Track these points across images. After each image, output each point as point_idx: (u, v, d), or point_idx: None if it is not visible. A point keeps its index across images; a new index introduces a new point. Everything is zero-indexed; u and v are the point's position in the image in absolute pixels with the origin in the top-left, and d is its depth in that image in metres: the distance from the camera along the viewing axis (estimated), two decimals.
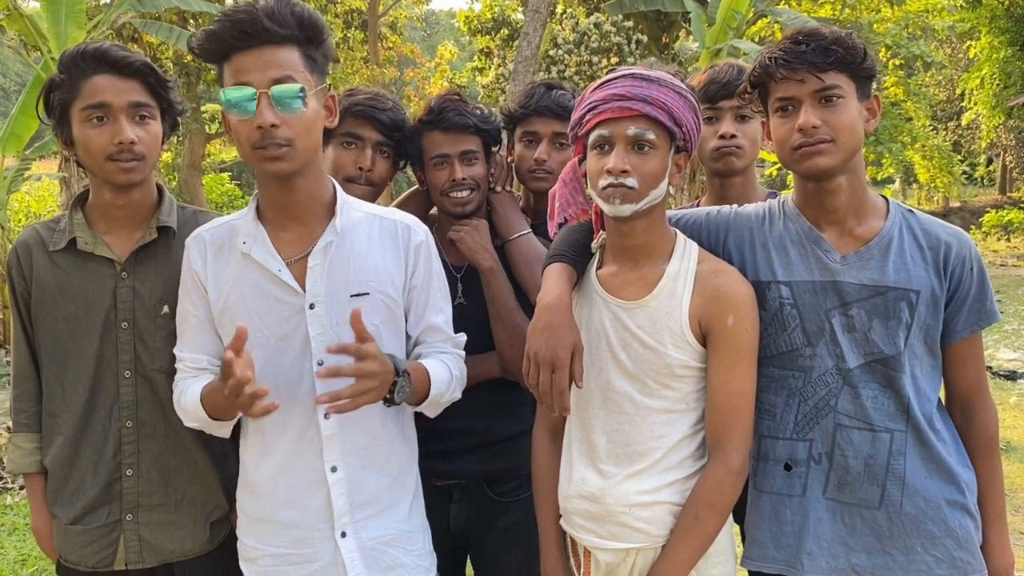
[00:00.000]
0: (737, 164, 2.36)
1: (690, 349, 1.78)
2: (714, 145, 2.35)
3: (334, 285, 1.86)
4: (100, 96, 1.93)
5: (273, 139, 1.72)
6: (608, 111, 1.74)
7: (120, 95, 1.94)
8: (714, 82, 2.34)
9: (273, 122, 1.70)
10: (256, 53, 1.72)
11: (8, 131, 9.21)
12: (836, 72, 1.72)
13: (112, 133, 1.93)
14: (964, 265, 1.79)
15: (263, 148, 1.73)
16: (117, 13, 9.61)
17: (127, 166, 1.95)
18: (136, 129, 1.96)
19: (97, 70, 1.94)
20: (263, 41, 1.72)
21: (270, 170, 1.76)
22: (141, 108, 1.97)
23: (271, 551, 1.91)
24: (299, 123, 1.74)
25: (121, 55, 1.95)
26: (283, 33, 1.73)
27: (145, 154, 1.97)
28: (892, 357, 1.77)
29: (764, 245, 1.88)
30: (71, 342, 2.03)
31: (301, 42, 1.77)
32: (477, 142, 2.32)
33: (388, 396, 1.77)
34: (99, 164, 1.96)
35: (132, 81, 1.97)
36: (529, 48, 9.59)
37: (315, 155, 1.84)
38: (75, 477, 2.07)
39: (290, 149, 1.74)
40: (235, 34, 1.72)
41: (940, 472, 1.80)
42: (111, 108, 1.94)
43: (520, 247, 2.30)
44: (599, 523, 1.84)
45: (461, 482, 2.38)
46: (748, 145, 2.34)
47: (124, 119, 1.94)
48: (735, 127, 2.33)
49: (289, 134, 1.73)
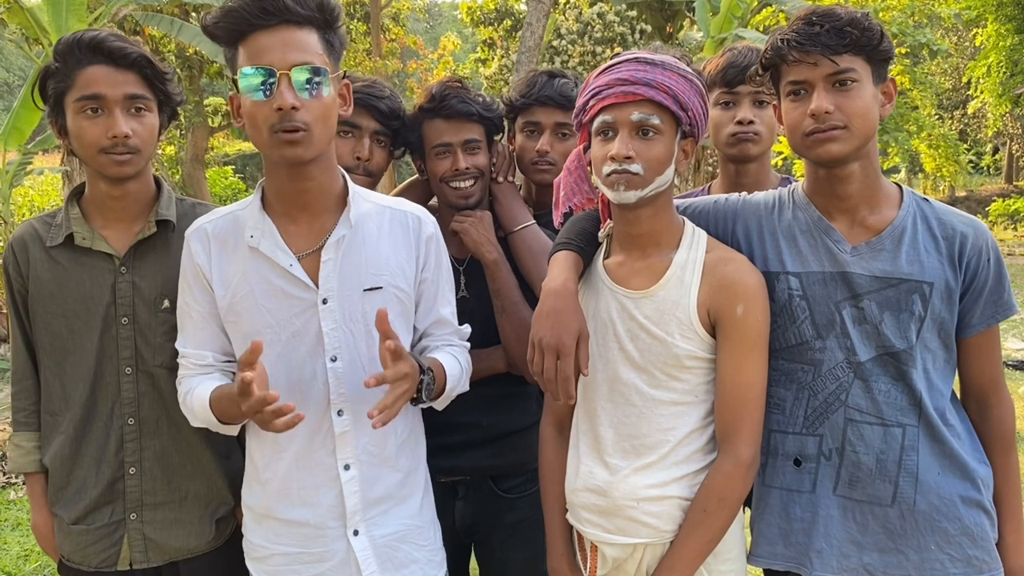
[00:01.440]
0: (753, 151, 2.31)
1: (698, 339, 1.75)
2: (731, 131, 2.31)
3: (347, 280, 1.82)
4: (95, 87, 1.89)
5: (292, 122, 1.66)
6: (612, 96, 1.70)
7: (116, 87, 1.90)
8: (732, 66, 2.29)
9: (294, 104, 1.65)
10: (277, 33, 1.67)
11: (10, 125, 9.21)
12: (851, 55, 1.66)
13: (106, 126, 1.89)
14: (980, 256, 1.74)
15: (281, 132, 1.67)
16: (118, 6, 9.59)
17: (121, 159, 1.91)
18: (131, 122, 1.92)
19: (93, 60, 1.90)
20: (284, 20, 1.67)
21: (287, 155, 1.70)
22: (137, 100, 1.93)
23: (281, 550, 1.88)
24: (318, 108, 1.69)
25: (117, 45, 1.90)
26: (304, 14, 1.68)
27: (140, 147, 1.93)
28: (903, 351, 1.73)
29: (773, 234, 1.84)
30: (70, 339, 2.00)
31: (320, 25, 1.72)
32: (480, 130, 2.28)
33: (416, 395, 1.74)
34: (92, 156, 1.92)
35: (128, 73, 1.92)
36: (532, 38, 9.53)
37: (330, 144, 1.80)
38: (77, 476, 2.04)
39: (308, 134, 1.69)
40: (255, 12, 1.66)
41: (954, 468, 1.76)
42: (106, 100, 1.89)
43: (524, 238, 2.26)
44: (606, 517, 1.81)
45: (466, 478, 2.35)
46: (765, 131, 2.29)
47: (119, 112, 1.90)
48: (753, 112, 2.29)
49: (308, 118, 1.68)
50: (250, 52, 1.68)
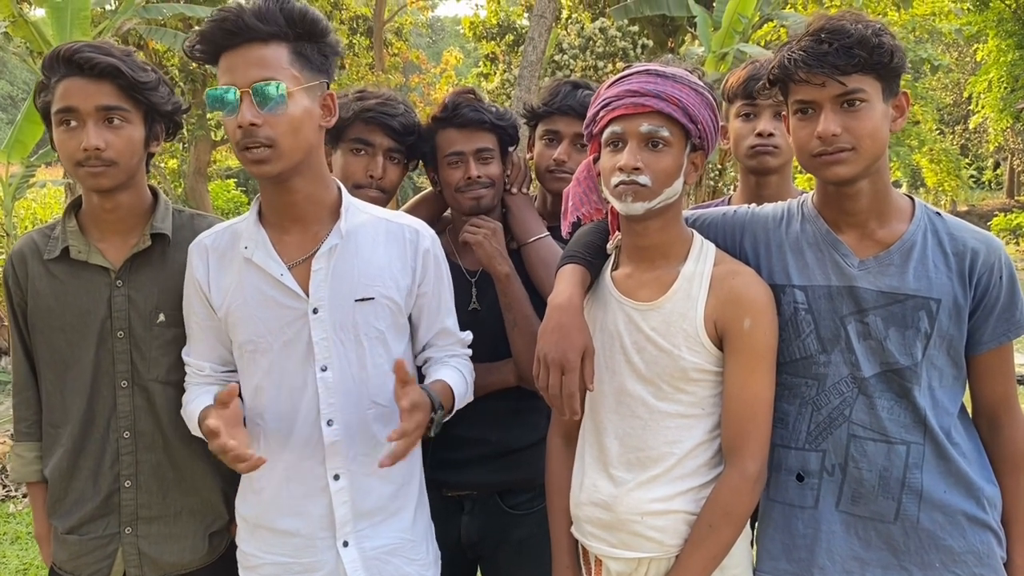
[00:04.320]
0: (772, 163, 2.31)
1: (705, 352, 1.74)
2: (750, 143, 2.31)
3: (338, 290, 1.83)
4: (68, 100, 1.86)
5: (255, 138, 1.68)
6: (621, 107, 1.70)
7: (87, 99, 1.86)
8: (754, 78, 2.28)
9: (253, 121, 1.67)
10: (241, 52, 1.70)
11: (13, 138, 9.25)
12: (860, 74, 1.62)
13: (79, 139, 1.86)
14: (992, 273, 1.70)
15: (247, 149, 1.70)
16: (122, 19, 9.64)
17: (95, 171, 1.87)
18: (105, 134, 1.86)
19: (68, 72, 1.86)
20: (248, 39, 1.69)
21: (254, 172, 1.74)
22: (111, 111, 1.87)
23: (272, 559, 1.89)
24: (282, 123, 1.70)
25: (87, 56, 1.84)
26: (268, 30, 1.70)
27: (115, 159, 1.88)
28: (907, 368, 1.70)
29: (780, 247, 1.83)
30: (69, 352, 1.99)
31: (290, 39, 1.73)
32: (492, 140, 2.27)
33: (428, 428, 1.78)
34: (72, 170, 1.90)
35: (101, 83, 1.87)
36: (534, 53, 9.55)
37: (309, 155, 1.79)
38: (75, 488, 2.03)
39: (273, 150, 1.70)
40: (221, 34, 1.69)
41: (960, 486, 1.72)
42: (78, 113, 1.86)
43: (538, 251, 2.24)
44: (610, 531, 1.80)
45: (473, 493, 2.33)
46: (785, 144, 2.27)
47: (91, 124, 1.86)
48: (773, 125, 2.28)
49: (271, 133, 1.69)
50: (220, 71, 1.72)
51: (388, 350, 1.88)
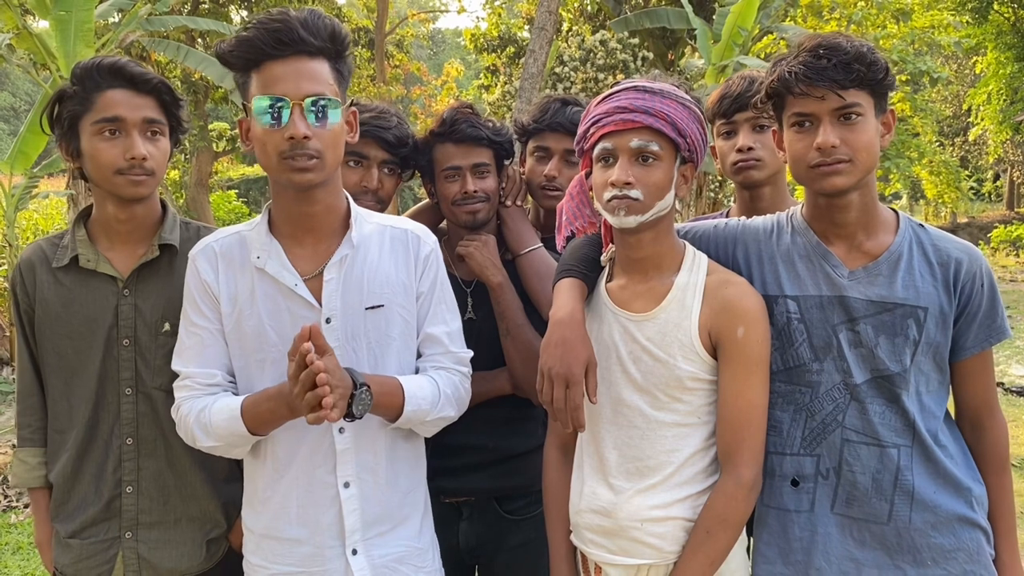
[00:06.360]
0: (756, 176, 2.33)
1: (700, 361, 1.76)
2: (732, 159, 2.34)
3: (349, 299, 1.85)
4: (115, 110, 1.94)
5: (304, 150, 1.72)
6: (611, 124, 1.73)
7: (135, 111, 1.95)
8: (727, 96, 2.33)
9: (306, 134, 1.70)
10: (290, 63, 1.72)
11: (16, 149, 9.24)
12: (856, 89, 1.68)
13: (124, 147, 1.94)
14: (974, 282, 1.76)
15: (291, 159, 1.72)
16: (126, 32, 9.66)
17: (137, 179, 1.96)
18: (147, 145, 1.97)
19: (113, 84, 1.95)
20: (298, 51, 1.72)
21: (297, 181, 1.75)
22: (153, 124, 1.99)
23: (279, 569, 1.88)
24: (329, 136, 1.75)
25: (139, 71, 1.97)
26: (317, 45, 1.74)
27: (155, 170, 1.98)
28: (897, 375, 1.75)
29: (772, 259, 1.86)
30: (76, 359, 2.02)
31: (331, 55, 1.78)
32: (489, 155, 2.31)
33: (348, 411, 1.70)
34: (107, 177, 1.96)
35: (147, 97, 1.98)
36: (535, 65, 9.61)
37: (338, 168, 1.85)
38: (78, 493, 2.06)
39: (319, 161, 1.74)
40: (271, 42, 1.71)
41: (949, 486, 1.78)
42: (125, 123, 1.94)
43: (531, 262, 2.28)
44: (610, 538, 1.82)
45: (471, 499, 2.35)
46: (768, 155, 2.30)
47: (136, 134, 1.95)
48: (752, 138, 2.31)
49: (320, 146, 1.73)
50: (264, 80, 1.72)
51: (399, 357, 1.90)
